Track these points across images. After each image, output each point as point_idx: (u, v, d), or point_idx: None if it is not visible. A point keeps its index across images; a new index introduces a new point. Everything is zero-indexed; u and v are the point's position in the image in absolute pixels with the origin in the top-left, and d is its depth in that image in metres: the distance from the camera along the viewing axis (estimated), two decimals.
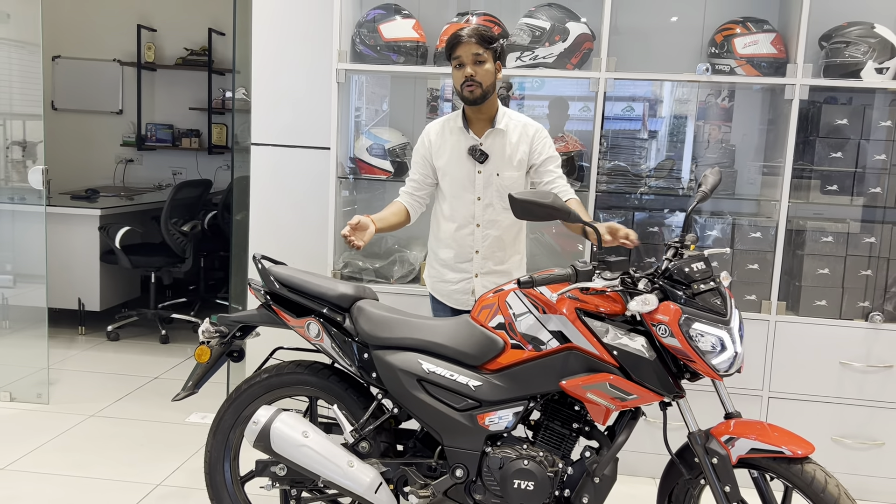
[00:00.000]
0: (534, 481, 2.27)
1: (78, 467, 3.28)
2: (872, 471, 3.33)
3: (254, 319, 2.64)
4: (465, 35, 2.70)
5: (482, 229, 2.86)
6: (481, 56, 2.71)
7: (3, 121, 5.60)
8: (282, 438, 2.38)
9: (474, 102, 2.75)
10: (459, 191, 2.85)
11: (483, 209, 2.84)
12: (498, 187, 2.82)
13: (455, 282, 2.91)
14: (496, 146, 2.82)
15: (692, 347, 2.13)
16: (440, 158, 2.87)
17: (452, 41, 2.74)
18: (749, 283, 3.36)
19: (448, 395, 2.36)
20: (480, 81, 2.71)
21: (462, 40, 2.70)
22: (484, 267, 2.88)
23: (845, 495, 2.08)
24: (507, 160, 2.81)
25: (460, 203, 2.86)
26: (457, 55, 2.72)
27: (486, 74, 2.72)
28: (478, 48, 2.70)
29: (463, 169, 2.84)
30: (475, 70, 2.71)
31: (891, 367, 3.27)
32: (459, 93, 2.77)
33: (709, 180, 2.45)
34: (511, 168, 2.82)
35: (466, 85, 2.71)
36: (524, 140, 2.83)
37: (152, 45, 6.94)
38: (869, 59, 3.23)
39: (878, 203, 3.37)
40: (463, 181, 2.85)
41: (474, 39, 2.70)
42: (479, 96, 2.73)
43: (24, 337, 4.47)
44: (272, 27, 3.71)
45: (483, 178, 2.83)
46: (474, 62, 2.70)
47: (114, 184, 6.90)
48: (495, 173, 2.82)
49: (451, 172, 2.86)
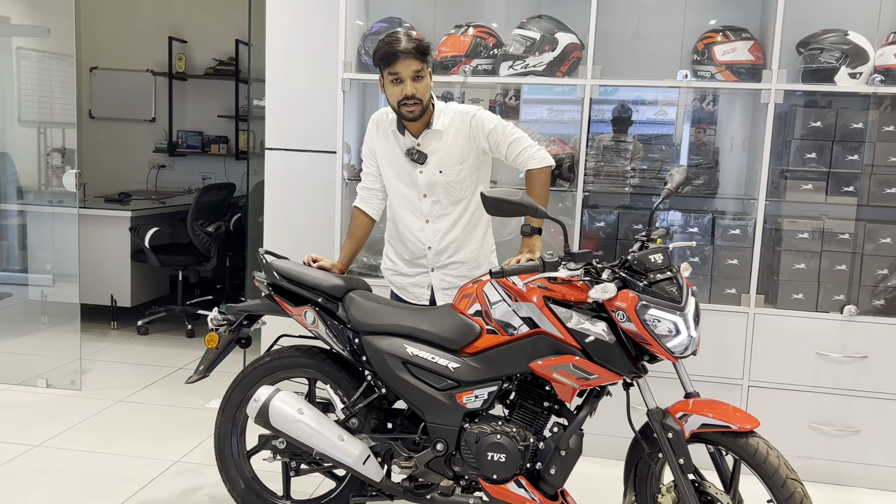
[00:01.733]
0: (505, 454, 2.49)
1: (105, 445, 3.58)
2: (848, 457, 3.48)
3: (258, 308, 2.90)
4: (403, 50, 2.61)
5: (432, 224, 2.88)
6: (421, 72, 2.66)
7: (45, 129, 5.98)
8: (279, 414, 2.63)
9: (413, 120, 2.74)
10: (404, 189, 2.86)
11: (430, 206, 2.85)
12: (443, 184, 2.82)
13: (411, 275, 2.97)
14: (433, 146, 2.80)
15: (648, 331, 2.32)
16: (382, 155, 2.88)
17: (389, 56, 2.64)
18: (729, 277, 3.54)
19: (430, 375, 2.58)
20: (420, 98, 2.67)
21: (400, 56, 2.62)
22: (438, 261, 2.91)
23: (784, 465, 2.26)
24: (446, 156, 2.79)
25: (407, 201, 2.87)
26: (395, 71, 2.64)
27: (426, 90, 2.69)
28: (418, 64, 2.64)
29: (404, 169, 2.84)
30: (416, 87, 2.65)
31: (865, 357, 3.42)
32: (396, 109, 2.73)
33: (675, 178, 2.64)
34: (453, 163, 2.80)
35: (406, 104, 2.67)
36: (461, 133, 2.78)
37: (183, 56, 7.30)
38: (842, 64, 3.39)
39: (851, 201, 3.52)
40: (406, 180, 2.85)
41: (413, 55, 2.62)
42: (419, 114, 2.71)
43: (60, 330, 4.81)
44: (285, 40, 3.99)
45: (425, 177, 2.82)
46: (414, 78, 2.65)
47: (147, 188, 7.26)
48: (438, 171, 2.80)
49: (394, 171, 2.86)
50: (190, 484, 3.24)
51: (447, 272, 2.95)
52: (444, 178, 2.84)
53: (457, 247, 2.92)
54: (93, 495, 3.10)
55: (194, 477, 3.31)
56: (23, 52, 5.74)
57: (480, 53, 3.68)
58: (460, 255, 2.93)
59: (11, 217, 5.52)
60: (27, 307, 5.28)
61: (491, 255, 3.04)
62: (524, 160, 2.83)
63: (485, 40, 3.71)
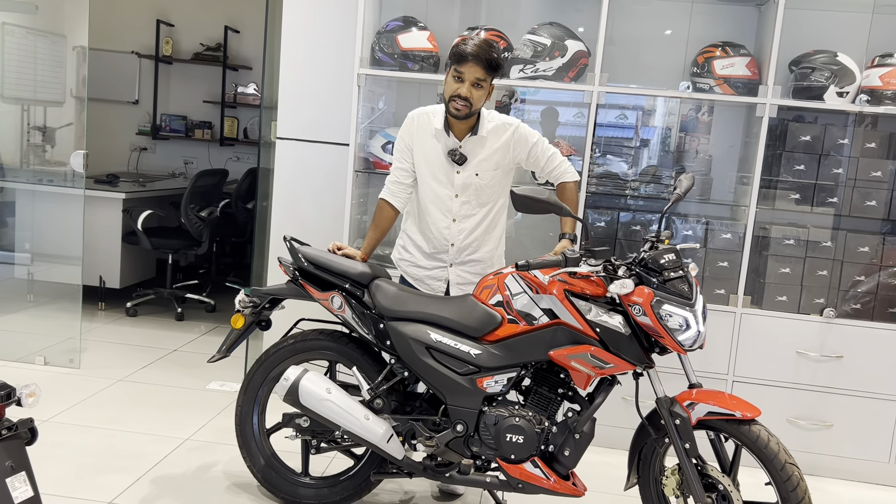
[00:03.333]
0: (523, 436, 2.66)
1: (114, 422, 3.65)
2: (822, 449, 3.74)
3: (283, 292, 3.02)
4: (474, 56, 2.77)
5: (458, 223, 3.02)
6: (483, 81, 2.82)
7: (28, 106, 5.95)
8: (308, 393, 2.76)
9: (457, 118, 2.89)
10: (437, 187, 3.00)
11: (460, 206, 3.00)
12: (476, 186, 2.98)
13: (429, 268, 3.09)
14: (475, 151, 2.96)
15: (662, 325, 2.51)
16: (420, 152, 2.99)
17: (461, 55, 2.80)
18: (719, 278, 3.76)
19: (452, 361, 2.74)
20: (472, 103, 2.83)
21: (469, 60, 2.78)
22: (458, 258, 3.06)
23: (783, 451, 2.47)
24: (484, 161, 2.96)
25: (438, 199, 3.01)
26: (461, 70, 2.80)
27: (480, 99, 2.85)
28: (483, 73, 2.80)
29: (442, 168, 2.98)
30: (471, 93, 2.81)
31: (841, 357, 3.68)
32: (445, 102, 2.88)
33: (683, 184, 2.84)
34: (489, 169, 2.97)
35: (456, 101, 2.83)
36: (503, 146, 2.97)
37: (170, 40, 7.29)
38: (831, 83, 3.64)
39: (834, 212, 3.78)
40: (441, 179, 2.98)
41: (482, 64, 2.78)
42: (463, 116, 2.86)
43: (52, 310, 4.84)
44: (300, 31, 4.09)
45: (462, 178, 2.97)
46: (474, 84, 2.81)
47: (128, 170, 7.24)
48: (474, 174, 2.97)
49: (430, 170, 2.99)
50: (204, 460, 3.34)
51: (464, 269, 3.10)
52: (478, 181, 2.99)
53: (476, 246, 3.08)
54: (110, 470, 3.18)
55: (207, 454, 3.40)
56: (8, 27, 5.70)
57: None
58: (478, 255, 3.09)
59: None
60: (12, 285, 5.27)
61: (502, 257, 3.22)
62: (559, 173, 3.08)
63: (496, 43, 3.85)
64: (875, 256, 3.72)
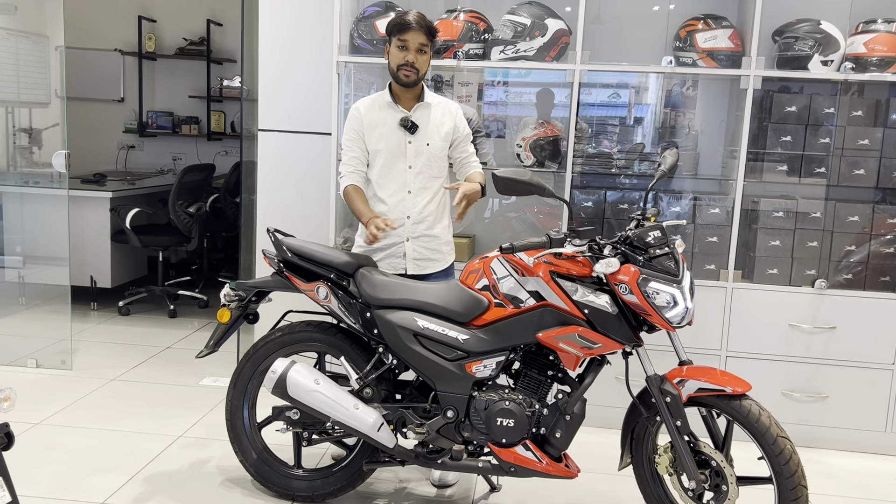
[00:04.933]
0: (514, 419, 2.65)
1: (106, 422, 3.63)
2: (818, 421, 3.73)
3: (268, 285, 3.00)
4: (415, 24, 2.97)
5: (413, 196, 3.09)
6: (425, 47, 3.01)
7: (13, 108, 5.90)
8: (296, 385, 2.74)
9: (407, 85, 3.04)
10: (392, 160, 3.08)
11: (414, 177, 3.09)
12: (428, 156, 3.09)
13: (388, 247, 3.11)
14: (424, 118, 3.10)
15: (649, 303, 2.49)
16: (373, 132, 3.09)
17: (402, 25, 2.99)
18: (709, 254, 3.74)
19: (440, 347, 2.72)
20: (419, 69, 3.01)
21: (411, 27, 2.97)
22: (415, 231, 3.11)
23: (775, 424, 2.46)
24: (434, 131, 3.10)
25: (393, 172, 3.09)
26: (404, 38, 2.98)
27: (424, 63, 3.03)
28: (425, 39, 2.99)
29: (394, 140, 3.08)
30: (416, 58, 2.99)
31: (834, 328, 3.66)
32: (394, 72, 3.04)
33: (667, 161, 2.81)
34: (439, 138, 3.11)
35: (404, 68, 2.99)
36: (448, 115, 3.14)
37: (153, 36, 7.23)
38: (815, 52, 3.60)
39: (822, 182, 3.74)
40: (395, 151, 3.08)
41: (423, 30, 2.98)
42: (413, 82, 3.03)
43: (43, 311, 4.81)
44: (277, 21, 4.04)
45: (414, 147, 3.08)
46: (418, 50, 2.99)
47: (116, 168, 7.20)
48: (425, 143, 3.09)
49: (385, 144, 3.08)
50: (197, 457, 3.33)
51: (420, 243, 3.13)
52: (429, 150, 3.10)
53: (432, 221, 3.13)
54: (102, 469, 3.16)
55: (200, 450, 3.39)
56: None
57: (472, 38, 3.79)
58: (434, 231, 3.15)
59: None
60: (3, 288, 5.24)
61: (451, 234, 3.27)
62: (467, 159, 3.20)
63: (476, 25, 3.82)
64: (866, 226, 3.70)
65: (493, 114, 4.29)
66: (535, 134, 3.88)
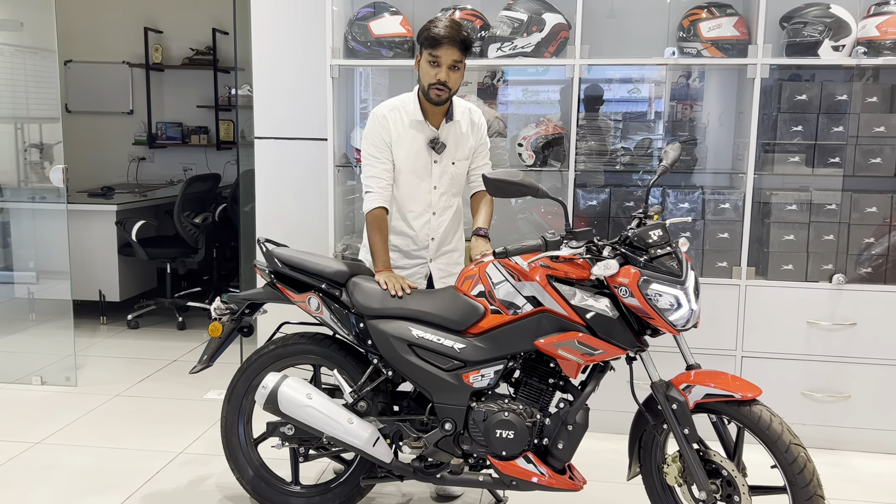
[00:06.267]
0: (514, 431, 2.54)
1: (107, 439, 3.58)
2: (841, 422, 3.57)
3: (260, 297, 2.92)
4: (450, 38, 2.72)
5: (437, 216, 2.99)
6: (459, 63, 2.78)
7: (22, 124, 5.90)
8: (288, 400, 2.66)
9: (437, 104, 2.84)
10: (416, 180, 2.93)
11: (439, 197, 2.97)
12: (452, 175, 2.95)
13: (408, 268, 3.01)
14: (451, 137, 2.93)
15: (650, 306, 2.37)
16: (399, 148, 2.90)
17: (435, 39, 2.74)
18: (720, 250, 3.60)
19: (436, 357, 2.62)
20: (451, 87, 2.79)
21: (444, 42, 2.72)
22: (438, 251, 3.03)
23: (787, 431, 2.33)
24: (460, 150, 2.95)
25: (417, 192, 2.94)
26: (436, 54, 2.75)
27: (457, 81, 2.81)
28: (458, 55, 2.75)
29: (421, 160, 2.91)
30: (449, 76, 2.76)
31: (854, 324, 3.50)
32: (425, 90, 2.81)
33: (669, 155, 2.68)
34: (463, 157, 2.96)
35: (435, 87, 2.77)
36: (473, 129, 2.96)
37: (159, 47, 7.22)
38: (825, 37, 3.45)
39: (837, 172, 3.59)
40: (420, 172, 2.92)
41: (458, 46, 2.73)
42: (444, 100, 2.82)
43: (50, 328, 4.79)
44: (270, 27, 3.98)
45: (439, 167, 2.93)
46: (451, 67, 2.76)
47: (127, 181, 7.19)
48: (450, 162, 2.94)
49: (411, 163, 2.91)
50: (196, 474, 3.26)
51: (443, 262, 3.05)
52: (454, 169, 2.96)
53: (451, 237, 3.06)
54: (99, 489, 3.10)
55: (200, 467, 3.32)
56: None
57: None
58: (451, 245, 3.07)
59: None
60: (13, 305, 5.24)
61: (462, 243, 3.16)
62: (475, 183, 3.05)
63: (472, 23, 3.72)
64: (885, 216, 3.53)
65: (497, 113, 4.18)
66: (537, 132, 3.77)
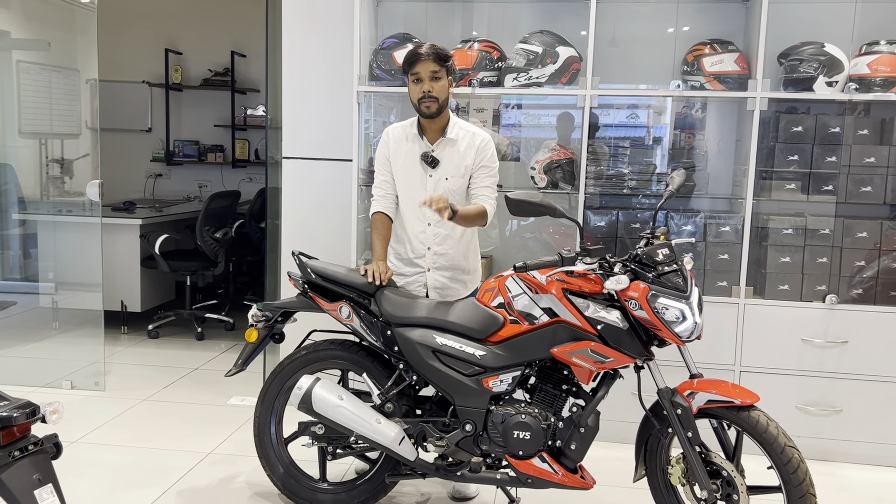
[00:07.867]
0: (530, 432, 2.75)
1: (139, 440, 3.78)
2: (833, 434, 3.78)
3: (293, 305, 3.13)
4: (424, 53, 3.01)
5: (433, 228, 3.18)
6: (438, 73, 3.03)
7: (46, 140, 6.13)
8: (321, 400, 2.87)
9: (430, 116, 3.08)
10: (412, 192, 3.16)
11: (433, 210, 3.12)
12: (446, 190, 3.12)
13: (410, 275, 3.23)
14: (446, 154, 3.14)
15: (658, 318, 2.59)
16: (396, 161, 3.19)
17: (411, 58, 3.04)
18: (720, 271, 3.83)
19: (458, 363, 2.83)
20: (437, 97, 3.03)
21: (421, 58, 3.01)
22: (436, 262, 3.20)
23: (783, 434, 2.54)
24: (455, 167, 3.14)
25: (413, 203, 3.14)
26: (415, 71, 3.03)
27: (442, 90, 3.05)
28: (435, 66, 3.01)
29: (415, 172, 3.16)
30: (432, 86, 3.02)
31: (846, 342, 3.72)
32: (416, 107, 3.09)
33: (675, 180, 2.92)
34: (458, 174, 3.14)
35: (424, 100, 3.04)
36: (471, 149, 3.14)
37: (179, 68, 7.47)
38: (820, 74, 3.70)
39: (830, 199, 3.83)
40: (415, 184, 3.16)
41: (432, 58, 3.01)
42: (435, 111, 3.06)
43: (76, 336, 4.99)
44: (299, 52, 4.22)
45: (433, 181, 3.14)
46: (431, 78, 3.02)
47: (145, 196, 7.42)
48: (444, 178, 3.14)
49: (405, 175, 3.17)
50: (227, 472, 3.46)
51: (441, 274, 3.23)
52: (448, 185, 3.15)
53: (454, 253, 3.22)
54: (138, 485, 3.30)
55: (229, 466, 3.52)
56: (23, 65, 5.89)
57: (486, 66, 3.94)
58: (456, 262, 3.23)
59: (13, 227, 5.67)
60: (37, 314, 5.44)
61: (477, 264, 3.34)
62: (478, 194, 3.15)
63: (490, 54, 3.97)
64: (875, 241, 3.77)
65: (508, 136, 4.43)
66: (549, 157, 4.01)
